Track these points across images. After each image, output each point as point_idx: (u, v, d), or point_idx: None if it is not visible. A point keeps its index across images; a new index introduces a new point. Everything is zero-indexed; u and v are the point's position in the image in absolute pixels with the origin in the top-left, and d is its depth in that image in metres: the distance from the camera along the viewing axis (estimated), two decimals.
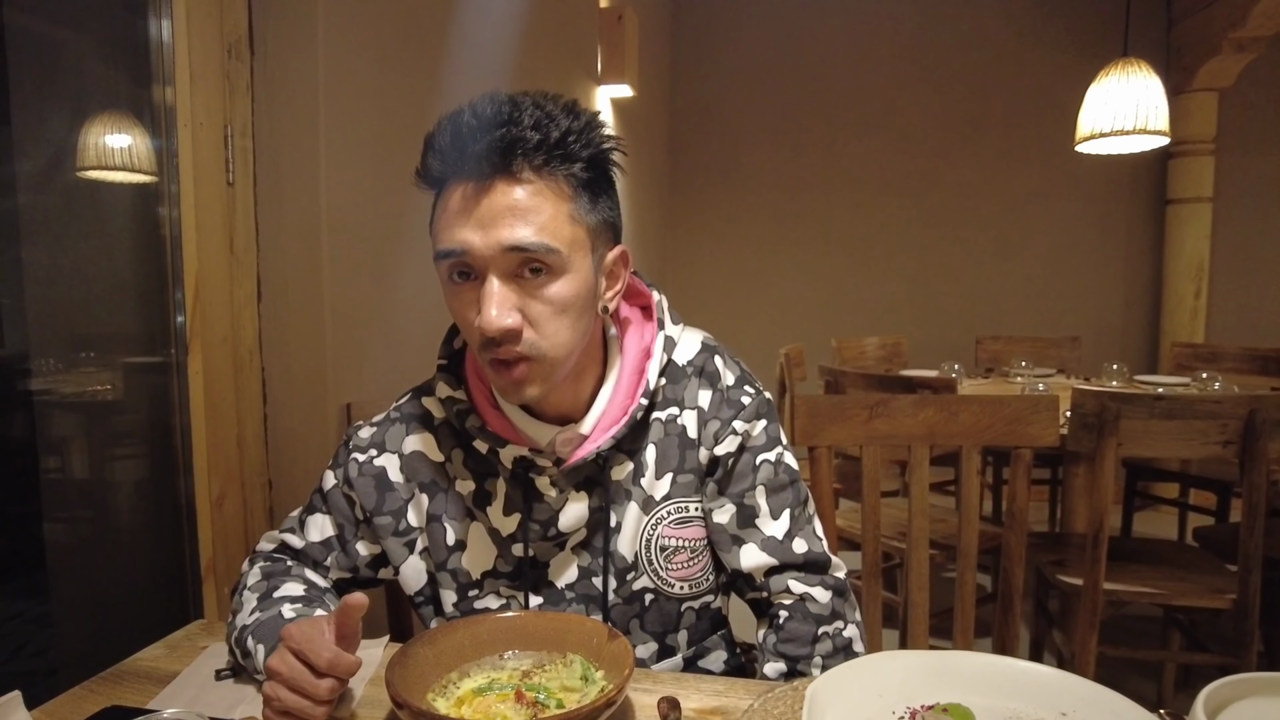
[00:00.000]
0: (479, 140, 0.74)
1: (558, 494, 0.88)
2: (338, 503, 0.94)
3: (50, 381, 1.55)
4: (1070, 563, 2.05)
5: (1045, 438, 1.42)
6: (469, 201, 0.76)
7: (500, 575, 0.92)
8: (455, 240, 0.76)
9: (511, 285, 0.77)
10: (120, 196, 1.43)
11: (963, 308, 4.36)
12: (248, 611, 0.86)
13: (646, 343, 0.91)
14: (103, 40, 1.41)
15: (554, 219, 0.76)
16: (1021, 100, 4.20)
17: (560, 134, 0.76)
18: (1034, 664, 0.79)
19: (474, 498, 0.91)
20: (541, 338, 0.78)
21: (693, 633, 0.95)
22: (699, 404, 0.91)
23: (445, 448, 0.92)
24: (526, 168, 0.75)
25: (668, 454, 0.90)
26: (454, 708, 0.74)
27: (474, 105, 0.76)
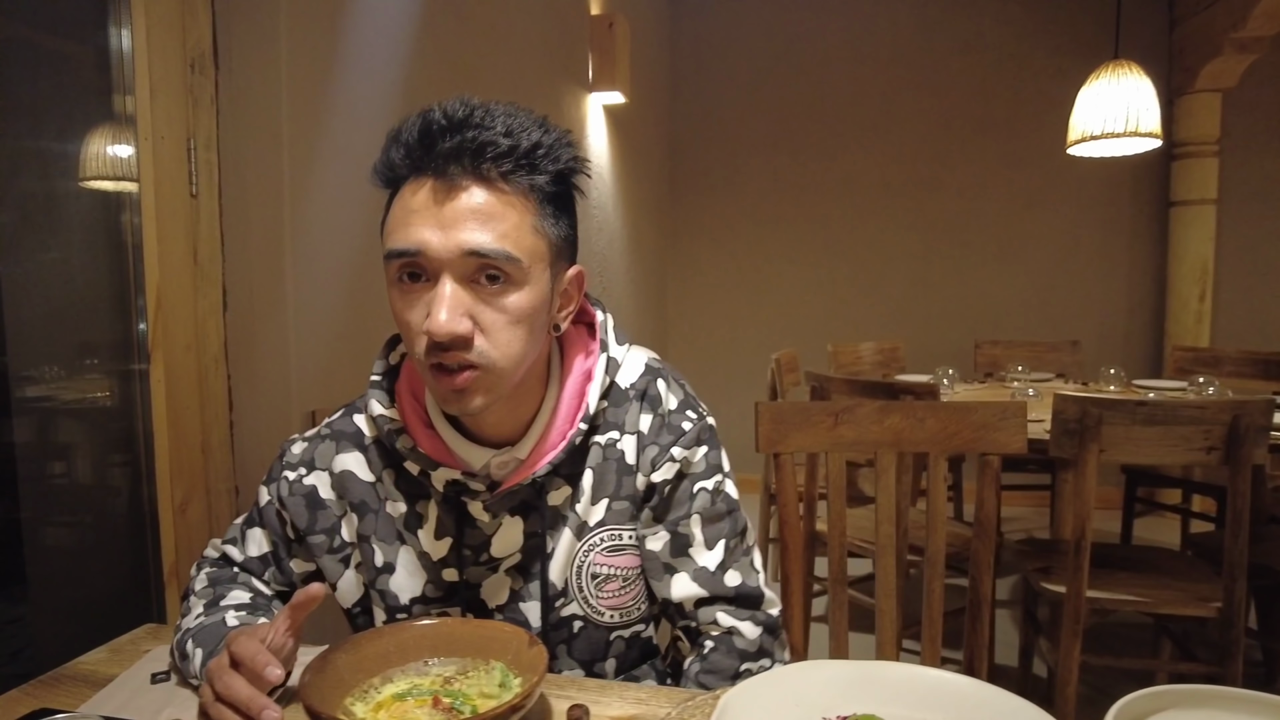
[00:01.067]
0: (449, 139, 0.72)
1: (491, 519, 0.86)
2: (271, 520, 0.93)
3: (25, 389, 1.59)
4: (1055, 570, 2.03)
5: (1012, 444, 1.41)
6: (430, 201, 0.73)
7: (430, 600, 0.90)
8: (412, 239, 0.73)
9: (466, 290, 0.74)
10: (85, 207, 1.46)
11: (963, 312, 4.33)
12: (193, 616, 0.87)
13: (589, 365, 0.89)
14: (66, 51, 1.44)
15: (517, 228, 0.74)
16: (1021, 104, 4.17)
17: (531, 144, 0.74)
18: (957, 675, 0.78)
19: (405, 520, 0.88)
20: (493, 347, 0.76)
21: (621, 661, 0.94)
22: (639, 428, 0.88)
23: (376, 468, 0.89)
24: (494, 173, 0.73)
25: (604, 480, 0.88)
26: (371, 712, 0.75)
27: (444, 105, 0.75)
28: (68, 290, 1.52)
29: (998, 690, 0.75)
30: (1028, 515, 4.11)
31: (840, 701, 0.77)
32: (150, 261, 1.27)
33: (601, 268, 3.13)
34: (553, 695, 0.81)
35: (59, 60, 1.49)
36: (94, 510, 1.64)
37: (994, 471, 1.41)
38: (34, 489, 1.65)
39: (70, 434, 1.59)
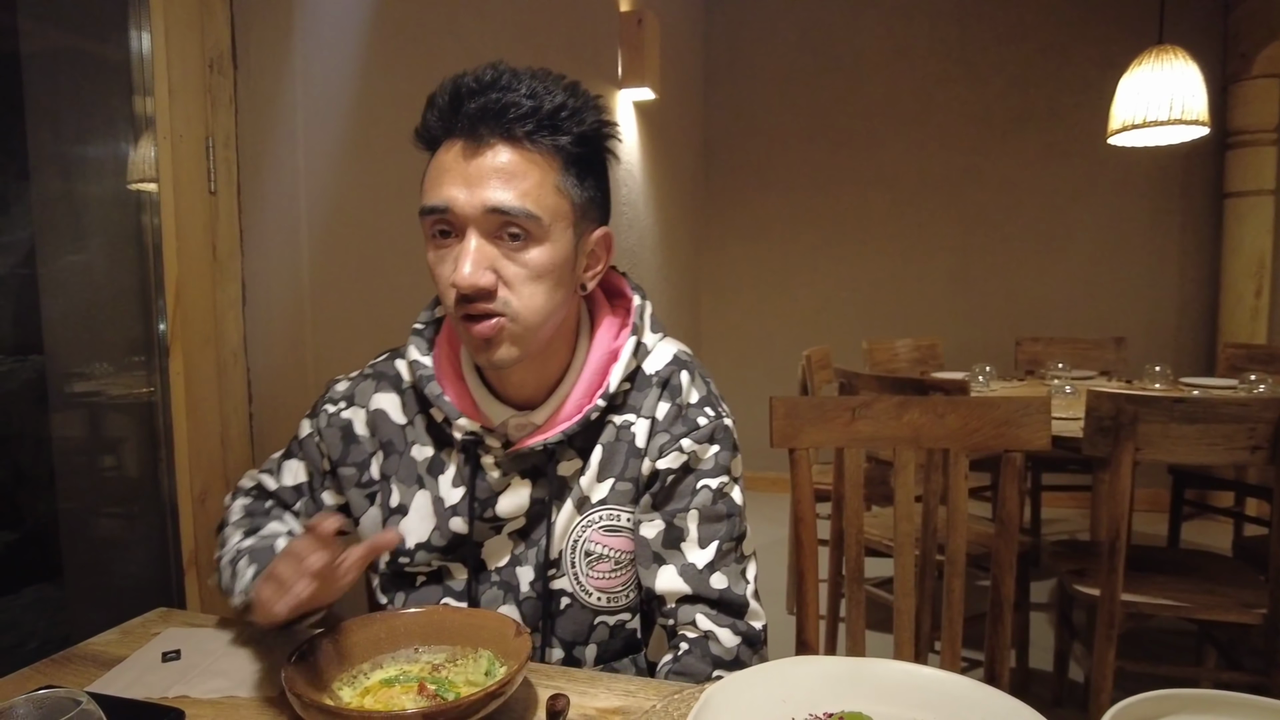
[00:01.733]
0: (475, 101, 0.77)
1: (500, 476, 0.88)
2: (310, 451, 0.97)
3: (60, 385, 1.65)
4: (1090, 572, 1.97)
5: (1036, 441, 1.37)
6: (458, 160, 0.78)
7: (434, 549, 0.91)
8: (441, 196, 0.78)
9: (490, 245, 0.79)
10: (110, 207, 1.51)
11: (1003, 308, 4.22)
12: (237, 540, 0.93)
13: (617, 345, 0.90)
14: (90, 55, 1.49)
15: (539, 187, 0.78)
16: (1064, 94, 4.05)
17: (554, 106, 0.78)
18: (952, 674, 0.76)
19: (428, 465, 0.91)
20: (515, 298, 0.79)
21: (602, 649, 0.94)
22: (654, 414, 0.89)
23: (409, 411, 0.93)
24: (518, 132, 0.77)
25: (613, 459, 0.88)
26: (359, 697, 0.76)
27: (476, 70, 0.79)
28: (94, 288, 1.57)
29: (993, 691, 0.73)
30: (1071, 517, 3.99)
31: (828, 698, 0.75)
32: (170, 257, 1.31)
33: (632, 265, 3.13)
34: (540, 685, 0.81)
35: (83, 64, 1.54)
36: (119, 500, 1.70)
37: (1016, 469, 1.38)
38: (67, 481, 1.72)
39: (98, 427, 1.65)
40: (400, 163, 1.69)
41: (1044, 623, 2.77)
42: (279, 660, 0.86)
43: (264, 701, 0.80)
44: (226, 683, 0.83)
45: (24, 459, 2.21)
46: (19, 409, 2.10)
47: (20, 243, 1.85)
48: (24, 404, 2.06)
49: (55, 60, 1.53)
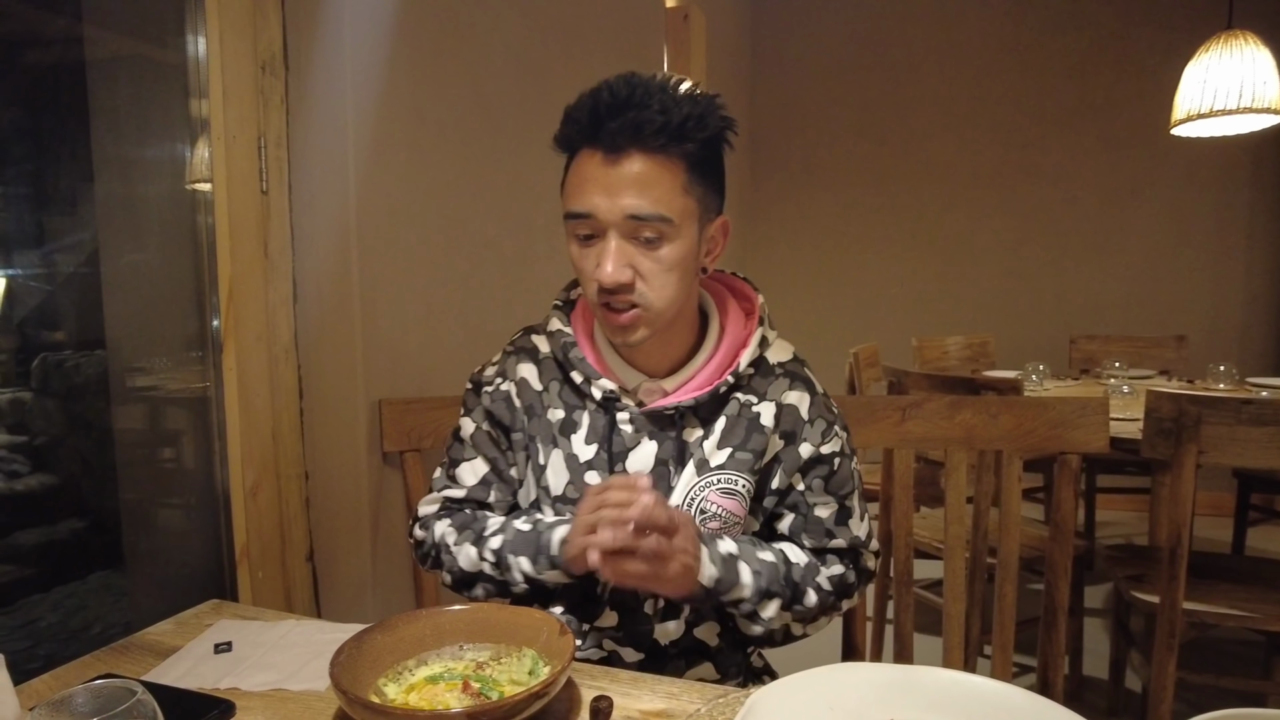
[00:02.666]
0: (614, 118, 0.85)
1: (633, 432, 0.97)
2: (482, 442, 1.05)
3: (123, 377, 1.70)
4: (1149, 578, 1.90)
5: (1093, 443, 1.33)
6: (599, 170, 0.88)
7: (569, 501, 0.99)
8: (585, 203, 0.88)
9: (628, 244, 0.89)
10: (168, 206, 1.55)
11: (1058, 305, 4.11)
12: (480, 548, 0.98)
13: (745, 334, 1.01)
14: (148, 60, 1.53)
15: (669, 192, 0.88)
16: (1123, 83, 3.91)
17: (681, 118, 0.86)
18: (1006, 685, 0.74)
19: (561, 425, 1.00)
20: (650, 290, 0.90)
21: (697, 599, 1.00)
22: (788, 401, 1.00)
23: (545, 379, 1.03)
24: (651, 145, 0.86)
25: (734, 430, 0.97)
26: (403, 693, 0.77)
27: (610, 85, 0.87)
28: (153, 286, 1.62)
29: (1048, 703, 0.70)
30: (1128, 520, 3.87)
31: (876, 707, 0.74)
32: (223, 256, 1.34)
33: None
34: (584, 685, 0.81)
35: (143, 69, 1.58)
36: (175, 492, 1.74)
37: (1072, 471, 1.34)
38: (128, 472, 1.77)
39: (156, 421, 1.70)
40: (449, 161, 1.70)
41: (1098, 629, 2.69)
42: (327, 656, 0.87)
43: (312, 696, 0.81)
44: (276, 676, 0.85)
45: (89, 450, 2.29)
46: (84, 402, 2.18)
47: (85, 242, 1.91)
48: (88, 397, 2.14)
49: (117, 66, 1.58)
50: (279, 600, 1.45)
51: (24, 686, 0.80)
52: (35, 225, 2.15)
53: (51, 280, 2.25)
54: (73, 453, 2.36)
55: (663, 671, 0.96)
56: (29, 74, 2.03)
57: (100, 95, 1.59)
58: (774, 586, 0.94)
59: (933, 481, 2.68)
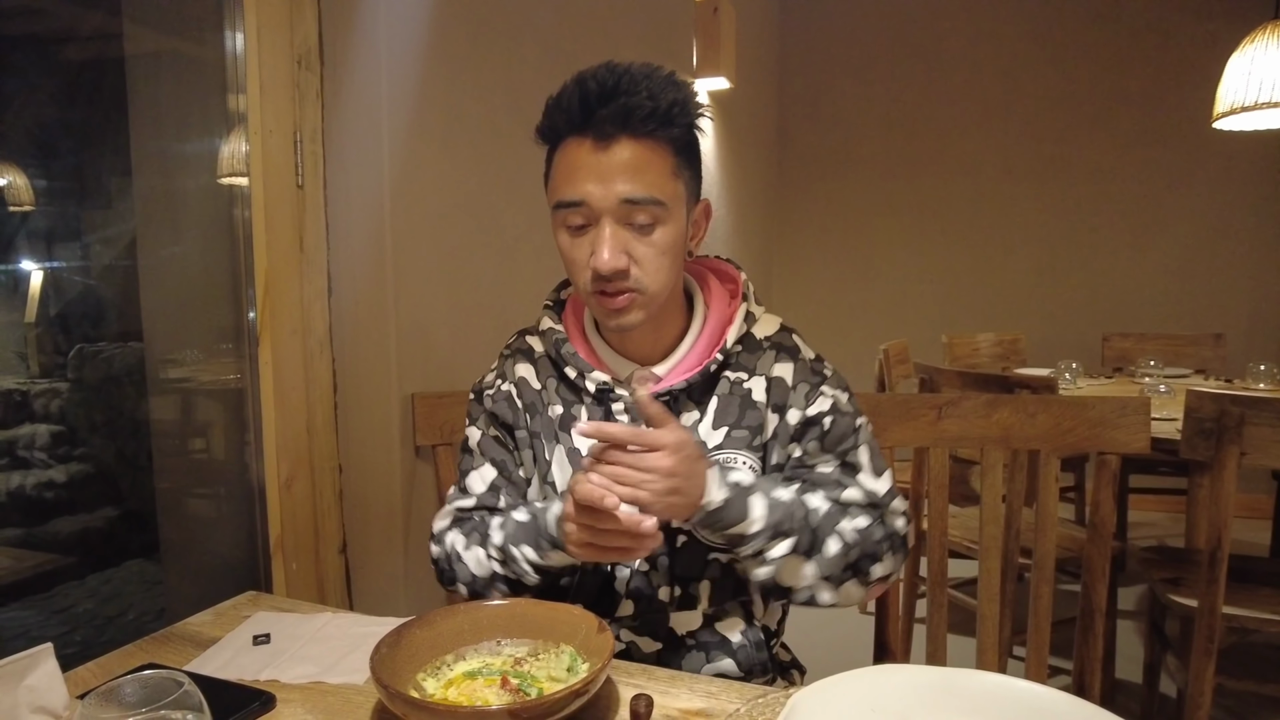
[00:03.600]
0: (605, 106, 0.86)
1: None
2: (489, 447, 1.05)
3: (159, 369, 1.72)
4: (1187, 582, 1.87)
5: (1133, 443, 1.30)
6: (590, 157, 0.87)
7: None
8: (577, 191, 0.88)
9: (623, 230, 0.89)
10: (205, 200, 1.57)
11: (1091, 302, 4.04)
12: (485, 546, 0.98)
13: (730, 311, 1.01)
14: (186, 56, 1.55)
15: (661, 175, 0.89)
16: (1163, 75, 3.83)
17: (668, 104, 0.87)
18: (1052, 690, 0.73)
19: (560, 420, 1.01)
20: (645, 274, 0.90)
21: (715, 589, 0.98)
22: (775, 374, 0.99)
23: (542, 377, 1.04)
24: (641, 131, 0.87)
25: (727, 410, 0.97)
26: (442, 688, 0.77)
27: (595, 74, 0.87)
28: (190, 279, 1.64)
29: (1096, 710, 0.69)
30: (1160, 521, 3.81)
31: (918, 709, 0.73)
32: (259, 250, 1.35)
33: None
34: (621, 683, 0.81)
35: (181, 64, 1.60)
36: (210, 483, 1.76)
37: (1111, 472, 1.31)
38: (163, 463, 1.79)
39: (191, 412, 1.72)
40: (482, 156, 1.70)
41: (1130, 632, 2.64)
42: (364, 649, 0.88)
43: (350, 689, 0.81)
44: (314, 668, 0.85)
45: (125, 441, 2.32)
46: (120, 393, 2.21)
47: (123, 235, 1.94)
48: (124, 388, 2.17)
49: (156, 62, 1.59)
50: (312, 592, 1.46)
51: (69, 674, 0.81)
52: (75, 219, 2.18)
53: (89, 273, 2.29)
54: (108, 443, 2.40)
55: (681, 663, 0.97)
56: (70, 70, 2.07)
57: (139, 91, 1.61)
58: (788, 525, 0.89)
59: (962, 480, 2.65)
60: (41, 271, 2.28)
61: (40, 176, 2.00)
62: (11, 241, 2.10)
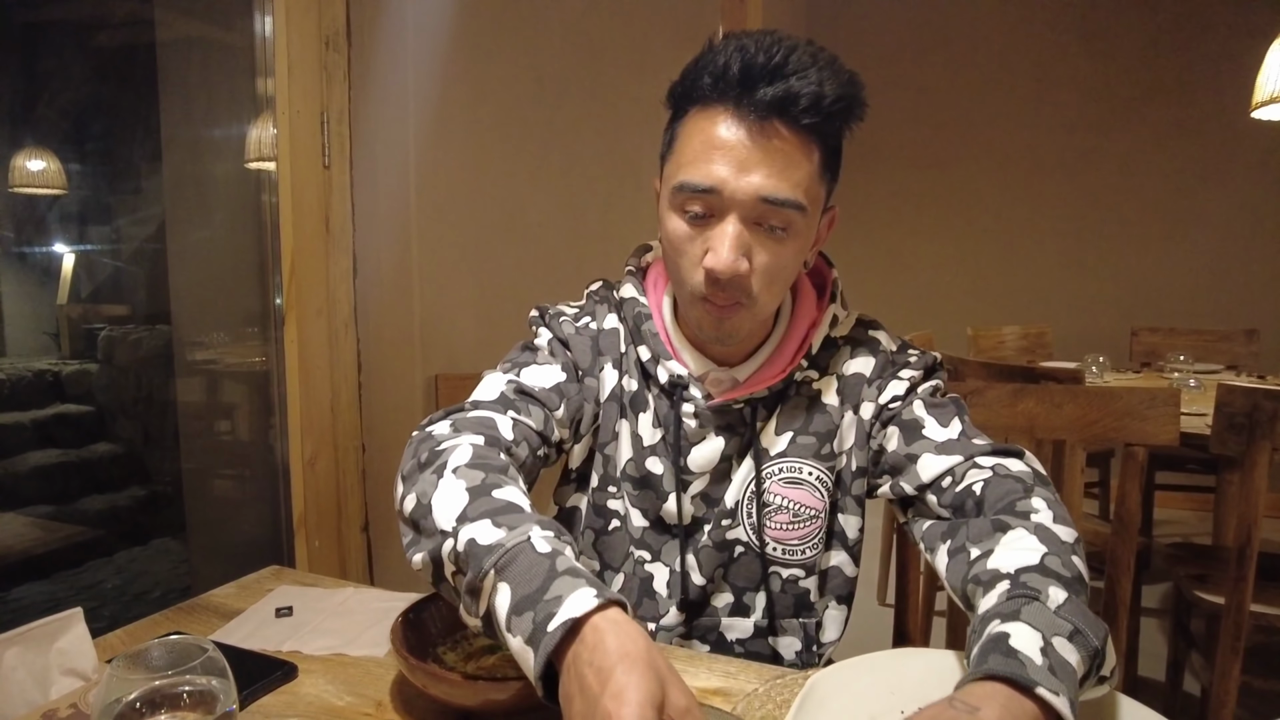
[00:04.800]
0: (771, 85, 0.73)
1: (697, 427, 0.88)
2: (558, 354, 0.91)
3: (186, 350, 1.74)
4: (1214, 579, 1.84)
5: (1162, 435, 1.28)
6: (735, 139, 0.75)
7: (629, 478, 0.91)
8: (710, 176, 0.75)
9: (748, 231, 0.77)
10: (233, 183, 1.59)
11: (1120, 296, 3.97)
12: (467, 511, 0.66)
13: (815, 315, 0.91)
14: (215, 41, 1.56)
15: (809, 177, 0.77)
16: (1199, 65, 3.75)
17: (834, 97, 0.75)
18: None
19: (633, 398, 0.91)
20: (760, 286, 0.79)
21: (772, 602, 0.91)
22: (851, 371, 0.90)
23: (626, 340, 0.93)
24: (802, 122, 0.75)
25: (793, 415, 0.88)
26: (462, 662, 0.77)
27: (760, 41, 0.74)
28: (217, 261, 1.66)
29: (1120, 696, 0.68)
30: (1186, 519, 3.75)
31: (939, 692, 0.72)
32: (286, 230, 1.36)
33: None
34: None
35: (211, 49, 1.61)
36: (235, 462, 1.79)
37: (1138, 464, 1.29)
38: (190, 443, 1.82)
39: (217, 393, 1.74)
40: (506, 138, 1.70)
41: (1153, 628, 2.61)
42: (385, 623, 0.88)
43: (371, 661, 0.82)
44: (336, 641, 0.86)
45: (152, 421, 2.37)
46: (148, 374, 2.25)
47: (153, 219, 1.96)
48: (152, 369, 2.21)
49: (186, 46, 1.61)
50: (334, 569, 1.48)
51: (98, 640, 0.82)
52: (105, 202, 2.22)
53: (119, 256, 2.33)
54: (136, 423, 2.44)
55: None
56: (101, 56, 2.10)
57: (169, 75, 1.63)
58: (1084, 624, 0.62)
59: None
60: (73, 254, 2.33)
61: (72, 161, 2.03)
62: (44, 224, 2.14)
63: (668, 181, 0.80)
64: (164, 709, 0.60)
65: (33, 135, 2.00)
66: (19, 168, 1.96)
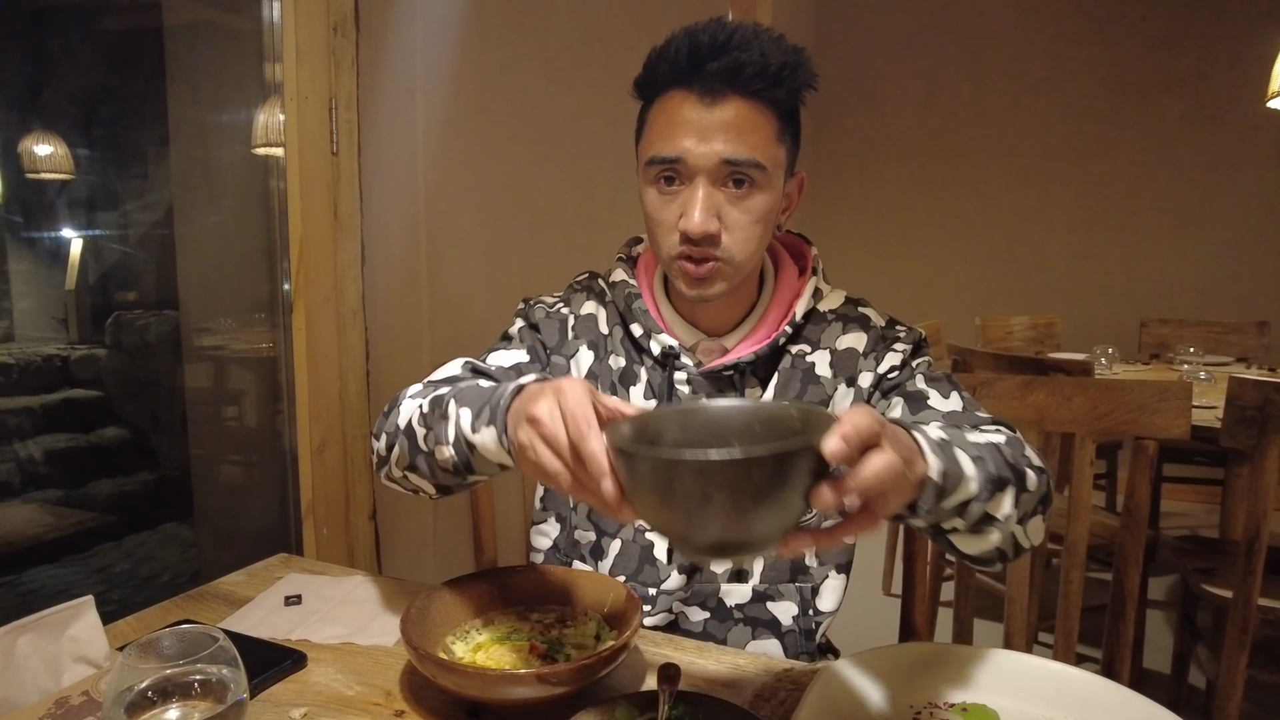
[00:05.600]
0: (717, 59, 0.81)
1: (691, 394, 0.94)
2: (526, 338, 1.01)
3: (194, 336, 1.75)
4: (1221, 572, 1.84)
5: (1173, 428, 1.27)
6: (693, 113, 0.83)
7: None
8: (675, 147, 0.83)
9: (717, 192, 0.85)
10: (241, 169, 1.58)
11: (1128, 287, 3.95)
12: (433, 394, 0.82)
13: (800, 285, 0.98)
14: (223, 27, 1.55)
15: (764, 139, 0.84)
16: (1214, 53, 3.71)
17: (779, 64, 0.83)
18: (1085, 672, 0.72)
19: (620, 374, 0.98)
20: (735, 243, 0.86)
21: (768, 566, 0.97)
22: (843, 346, 0.96)
23: (609, 323, 1.00)
24: (748, 89, 0.83)
25: (789, 385, 0.95)
26: (471, 652, 0.78)
27: (707, 27, 0.83)
28: (225, 247, 1.65)
29: (1133, 695, 0.68)
30: (1193, 511, 3.74)
31: (950, 687, 0.72)
32: (294, 217, 1.36)
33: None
34: (648, 652, 0.81)
35: (218, 35, 1.60)
36: (243, 449, 1.79)
37: (1149, 458, 1.28)
38: (198, 429, 1.83)
39: (225, 380, 1.75)
40: (515, 125, 1.70)
41: (1159, 621, 2.61)
42: (394, 612, 0.89)
43: (380, 650, 0.82)
44: (344, 630, 0.87)
45: (160, 406, 2.37)
46: (156, 359, 2.25)
47: (160, 204, 1.96)
48: (160, 355, 2.21)
49: (194, 31, 1.60)
50: (342, 557, 1.48)
51: (108, 627, 0.83)
52: (113, 187, 2.22)
53: (127, 241, 2.32)
54: (144, 408, 2.45)
55: (726, 635, 0.96)
56: (109, 40, 2.09)
57: (177, 60, 1.62)
58: (1001, 471, 0.71)
59: None
60: (81, 239, 2.32)
61: (79, 145, 2.03)
62: (52, 209, 2.14)
63: (641, 160, 0.89)
64: (175, 698, 0.60)
65: (40, 120, 1.99)
66: (27, 152, 1.96)
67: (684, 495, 0.52)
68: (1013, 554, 0.78)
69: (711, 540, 0.54)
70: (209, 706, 0.60)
